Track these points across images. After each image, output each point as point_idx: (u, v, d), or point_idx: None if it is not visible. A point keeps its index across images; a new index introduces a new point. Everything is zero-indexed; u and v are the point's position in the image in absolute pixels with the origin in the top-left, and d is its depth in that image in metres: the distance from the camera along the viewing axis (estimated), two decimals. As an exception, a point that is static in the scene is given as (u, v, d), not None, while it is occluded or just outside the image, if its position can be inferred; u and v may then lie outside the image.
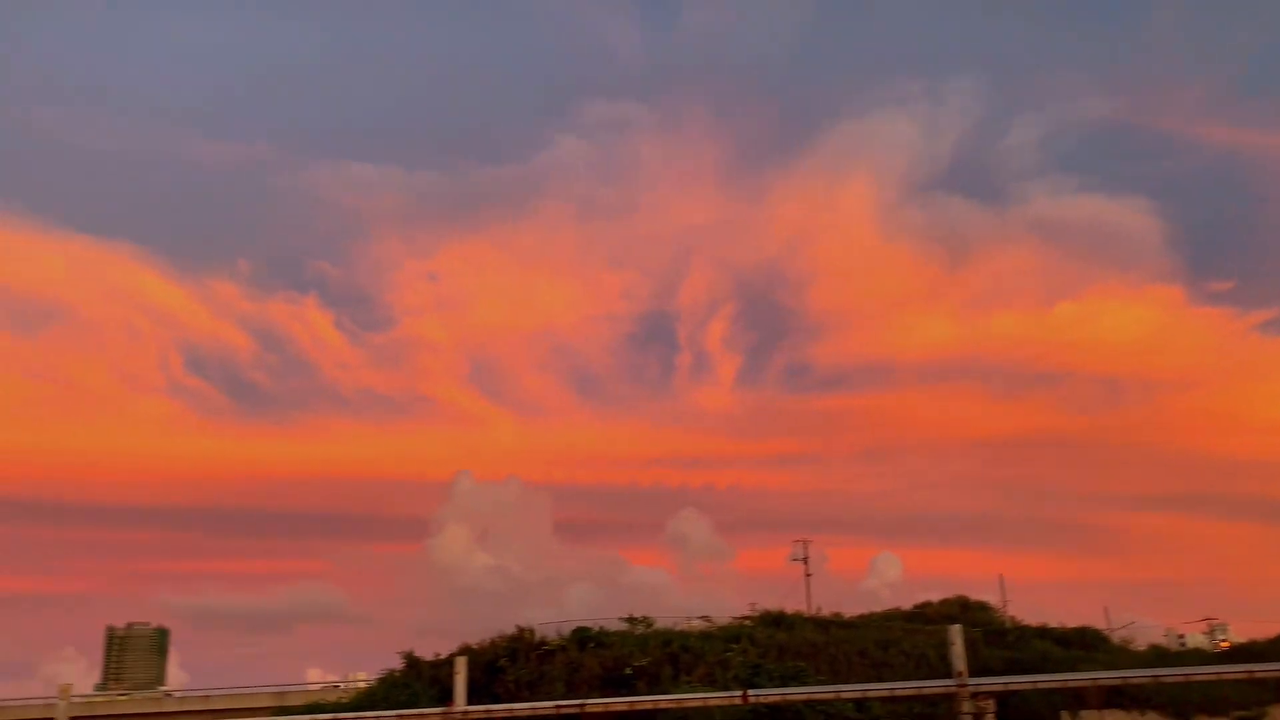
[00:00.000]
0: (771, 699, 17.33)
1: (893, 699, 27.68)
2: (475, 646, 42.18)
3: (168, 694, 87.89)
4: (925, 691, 11.88)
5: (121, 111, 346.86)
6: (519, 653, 41.07)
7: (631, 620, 42.94)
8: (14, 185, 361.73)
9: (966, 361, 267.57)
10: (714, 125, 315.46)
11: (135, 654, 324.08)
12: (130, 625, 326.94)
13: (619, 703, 13.78)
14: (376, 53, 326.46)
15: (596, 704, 12.20)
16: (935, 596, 61.78)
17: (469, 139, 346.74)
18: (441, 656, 44.93)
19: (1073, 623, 51.66)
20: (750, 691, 11.55)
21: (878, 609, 59.21)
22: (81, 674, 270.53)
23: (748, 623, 44.14)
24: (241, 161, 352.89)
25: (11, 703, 79.99)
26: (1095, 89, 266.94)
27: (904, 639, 42.19)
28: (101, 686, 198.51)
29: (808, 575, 76.06)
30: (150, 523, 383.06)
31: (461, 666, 10.69)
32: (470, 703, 11.54)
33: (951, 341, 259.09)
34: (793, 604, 53.30)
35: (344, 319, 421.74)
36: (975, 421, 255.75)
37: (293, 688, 68.52)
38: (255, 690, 68.11)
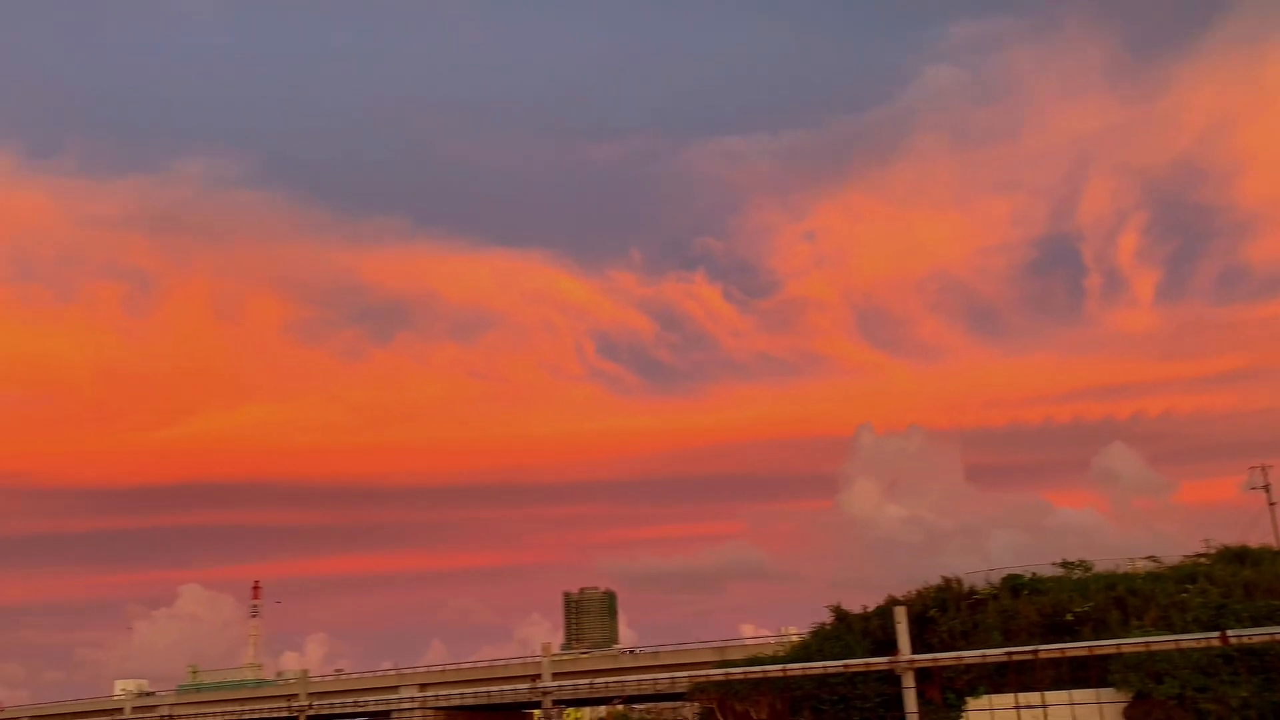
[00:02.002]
0: (1258, 639, 15.57)
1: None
2: (901, 598, 42.22)
3: (622, 651, 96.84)
4: None
5: (517, 131, 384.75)
6: (948, 603, 40.53)
7: (1067, 564, 40.88)
8: (442, 212, 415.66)
9: None
10: (1096, 23, 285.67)
11: (589, 616, 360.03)
12: (582, 590, 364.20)
13: (1077, 647, 13.16)
14: (725, 28, 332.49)
15: (1051, 650, 11.81)
16: None
17: (830, 90, 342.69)
18: (869, 609, 45.43)
19: None
20: (1230, 632, 10.57)
21: (1370, 536, 51.12)
22: (546, 635, 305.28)
23: (1203, 560, 40.17)
24: (624, 157, 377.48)
25: (497, 662, 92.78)
26: None
27: None
28: (565, 646, 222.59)
29: (1271, 504, 67.56)
30: (588, 497, 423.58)
31: (902, 616, 10.78)
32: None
33: None
34: (1256, 537, 47.83)
35: (732, 289, 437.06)
36: None
37: (732, 642, 72.71)
38: (698, 646, 73.12)
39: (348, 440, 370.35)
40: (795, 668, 10.62)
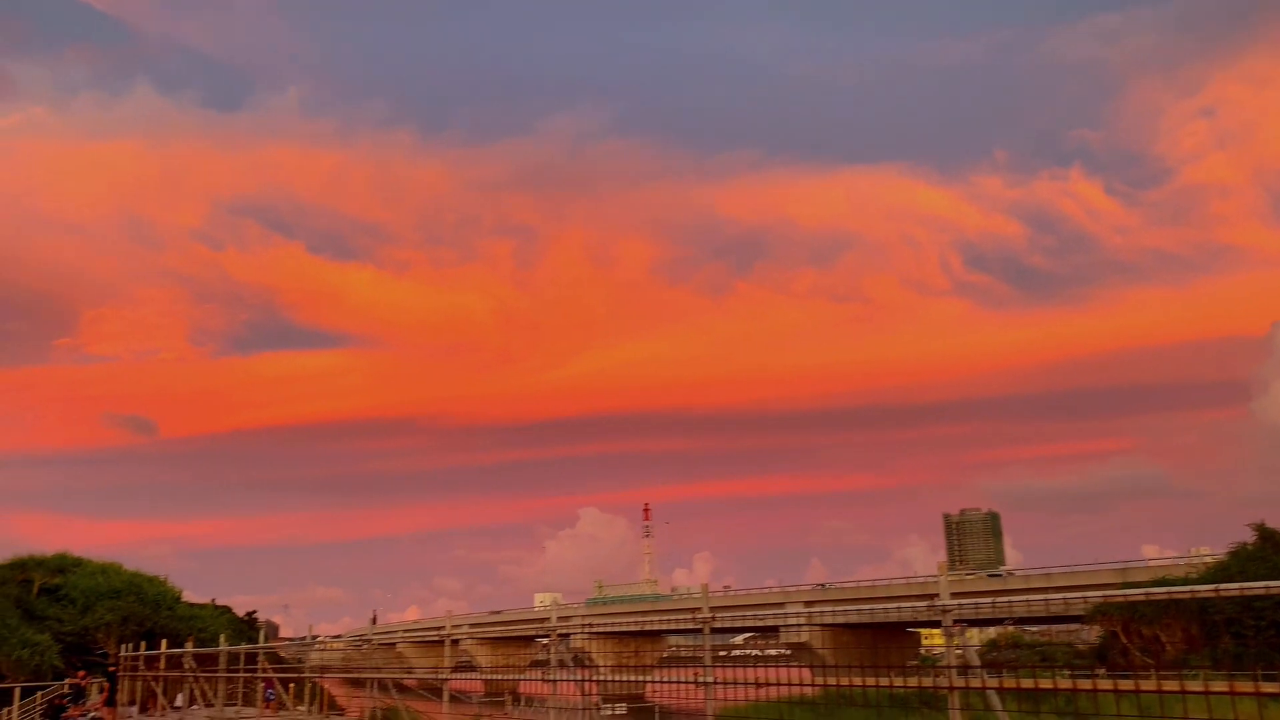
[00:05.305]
0: None
1: None
2: (1341, 516, 38.14)
3: (1009, 573, 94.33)
4: None
5: (862, 45, 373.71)
6: (1402, 521, 36.09)
7: None
8: (790, 137, 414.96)
9: None
10: None
11: (971, 537, 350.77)
12: (962, 511, 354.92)
13: None
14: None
15: None
16: None
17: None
18: (1299, 528, 41.47)
19: None
20: None
21: None
22: (925, 556, 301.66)
23: None
24: (980, 53, 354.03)
25: (880, 582, 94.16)
26: None
27: None
28: (949, 567, 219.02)
29: None
30: (963, 416, 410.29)
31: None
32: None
33: None
34: None
35: (1114, 183, 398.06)
36: None
37: (1134, 564, 68.35)
38: (1097, 567, 69.46)
39: (717, 370, 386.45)
40: (1230, 588, 10.12)
